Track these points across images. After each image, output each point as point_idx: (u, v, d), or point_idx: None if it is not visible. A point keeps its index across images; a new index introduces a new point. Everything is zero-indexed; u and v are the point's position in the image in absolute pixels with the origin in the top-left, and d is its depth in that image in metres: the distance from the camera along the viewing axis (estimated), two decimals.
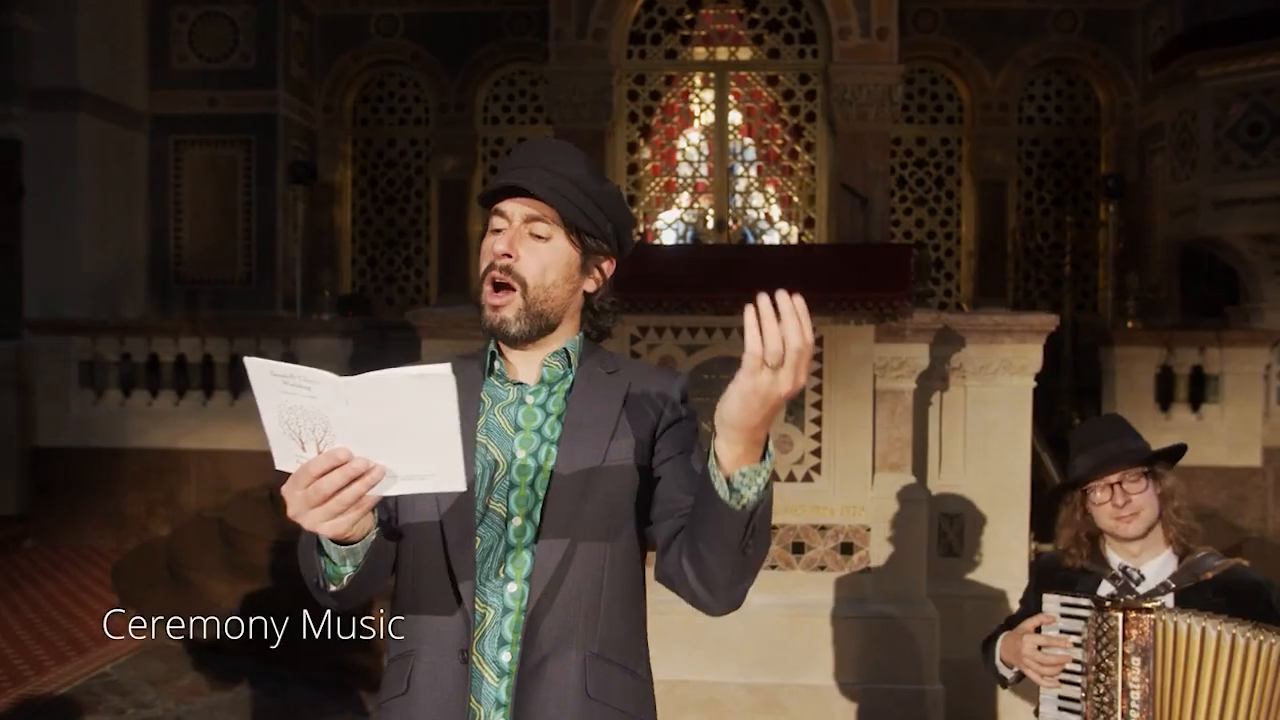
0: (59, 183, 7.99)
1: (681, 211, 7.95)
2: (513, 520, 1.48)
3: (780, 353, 1.14)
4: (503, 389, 1.57)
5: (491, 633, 1.46)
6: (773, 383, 1.16)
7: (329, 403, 1.17)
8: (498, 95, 9.59)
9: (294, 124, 9.10)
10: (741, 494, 1.26)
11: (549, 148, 1.57)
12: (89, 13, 8.16)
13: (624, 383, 1.57)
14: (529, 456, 1.51)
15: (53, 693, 4.67)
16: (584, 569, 1.47)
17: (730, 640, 4.11)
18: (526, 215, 1.52)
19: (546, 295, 1.52)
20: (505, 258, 1.51)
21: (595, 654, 1.48)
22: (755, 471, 1.26)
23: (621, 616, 1.52)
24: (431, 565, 1.48)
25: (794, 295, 1.15)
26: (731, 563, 1.34)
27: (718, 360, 4.21)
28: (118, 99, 8.45)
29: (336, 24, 9.50)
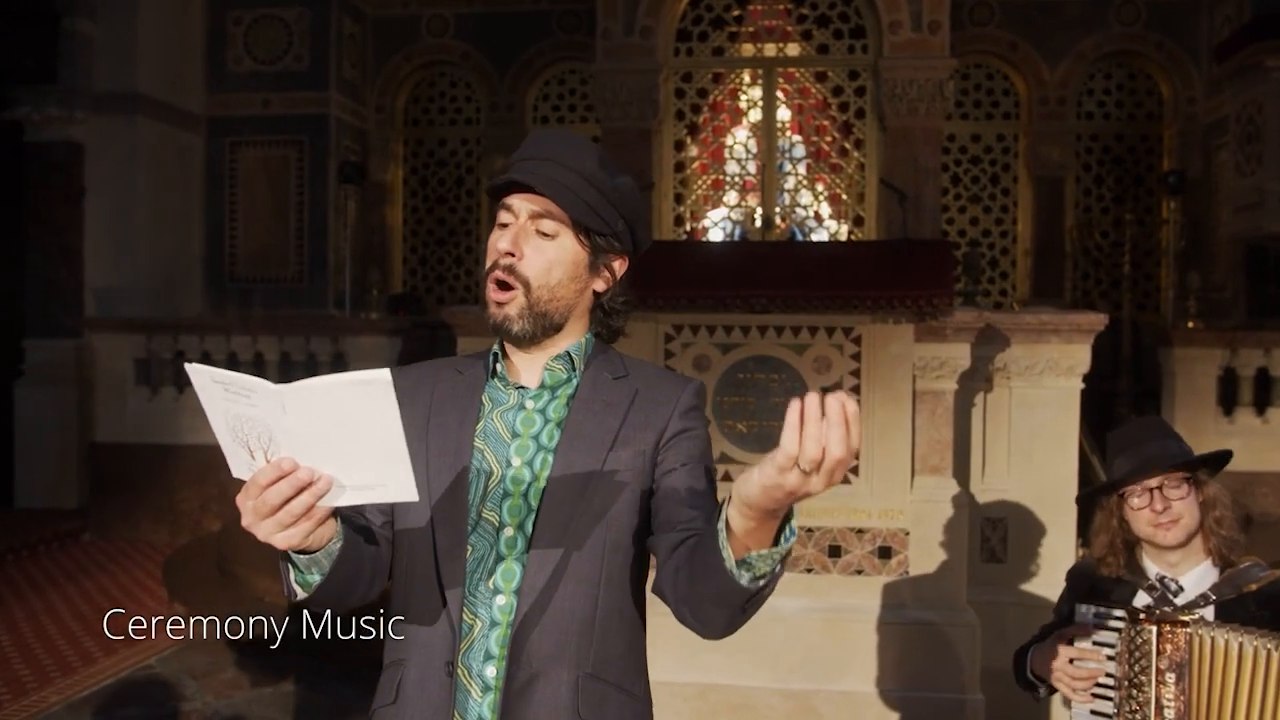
0: (119, 184, 8.15)
1: (729, 210, 7.87)
2: (504, 530, 1.43)
3: (818, 460, 1.04)
4: (503, 392, 1.51)
5: (478, 645, 1.41)
6: (802, 484, 1.07)
7: (269, 411, 1.14)
8: (548, 94, 9.59)
9: (346, 124, 9.19)
10: (754, 571, 1.20)
11: (560, 138, 1.51)
12: (149, 18, 8.31)
13: (630, 390, 1.50)
14: (524, 465, 1.45)
15: (98, 684, 4.75)
16: (577, 584, 1.41)
17: (766, 644, 4.04)
18: (532, 212, 1.47)
19: (551, 295, 1.47)
20: (509, 256, 1.46)
21: (589, 674, 1.42)
22: (768, 556, 1.19)
23: (618, 634, 1.46)
24: (423, 573, 1.44)
25: (848, 402, 1.05)
26: (729, 617, 1.29)
27: (753, 359, 4.15)
28: (175, 102, 8.60)
29: (388, 25, 9.58)
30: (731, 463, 4.17)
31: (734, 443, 4.17)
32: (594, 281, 1.53)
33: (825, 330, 4.10)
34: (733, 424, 4.17)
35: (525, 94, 9.50)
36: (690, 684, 4.06)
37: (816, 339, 4.11)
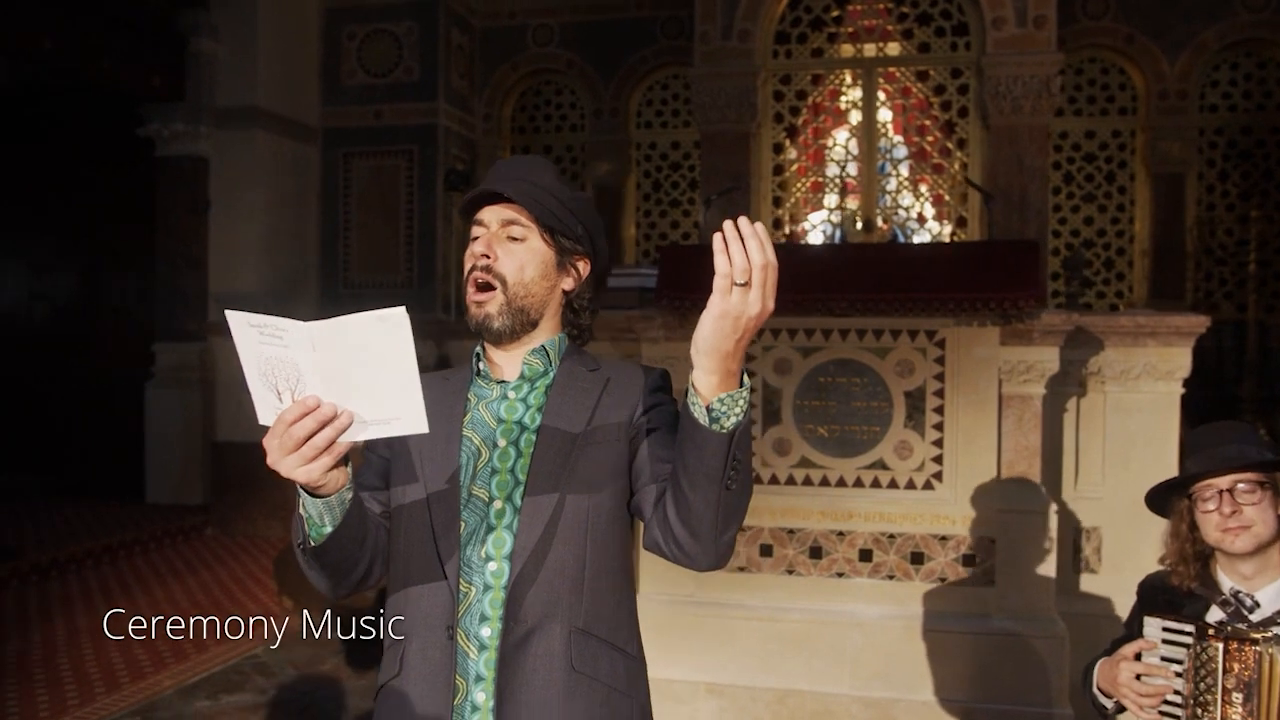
0: (239, 196, 8.53)
1: (829, 212, 7.78)
2: (494, 504, 1.56)
3: (747, 268, 1.24)
4: (487, 388, 1.66)
5: (474, 609, 1.53)
6: (743, 303, 1.25)
7: (299, 349, 1.26)
8: (651, 100, 9.65)
9: (454, 134, 9.42)
10: (721, 421, 1.33)
11: (521, 162, 1.70)
12: (268, 36, 8.68)
13: (603, 379, 1.64)
14: (509, 445, 1.59)
15: (208, 670, 4.99)
16: (565, 546, 1.54)
17: (845, 650, 4.00)
18: (503, 219, 1.63)
19: (526, 291, 1.62)
20: (485, 258, 1.61)
21: (580, 629, 1.54)
22: (733, 397, 1.33)
23: (607, 592, 1.57)
24: (420, 550, 1.57)
25: (756, 223, 1.27)
26: (715, 500, 1.39)
27: (834, 362, 4.11)
28: (293, 115, 8.96)
29: (495, 35, 9.78)
30: (812, 467, 4.14)
31: (814, 446, 4.13)
32: (563, 280, 1.68)
33: (908, 333, 4.03)
34: (813, 428, 4.13)
35: (629, 100, 9.57)
36: (769, 688, 4.05)
37: (899, 342, 4.04)
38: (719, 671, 4.11)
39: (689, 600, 4.21)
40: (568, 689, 1.50)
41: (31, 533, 7.38)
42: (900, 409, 4.05)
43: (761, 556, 4.18)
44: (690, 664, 4.13)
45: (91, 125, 8.99)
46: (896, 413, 4.05)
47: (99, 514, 8.05)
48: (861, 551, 4.09)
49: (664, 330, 4.28)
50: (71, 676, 4.87)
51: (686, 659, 4.14)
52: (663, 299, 4.18)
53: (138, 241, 8.82)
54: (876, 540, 4.08)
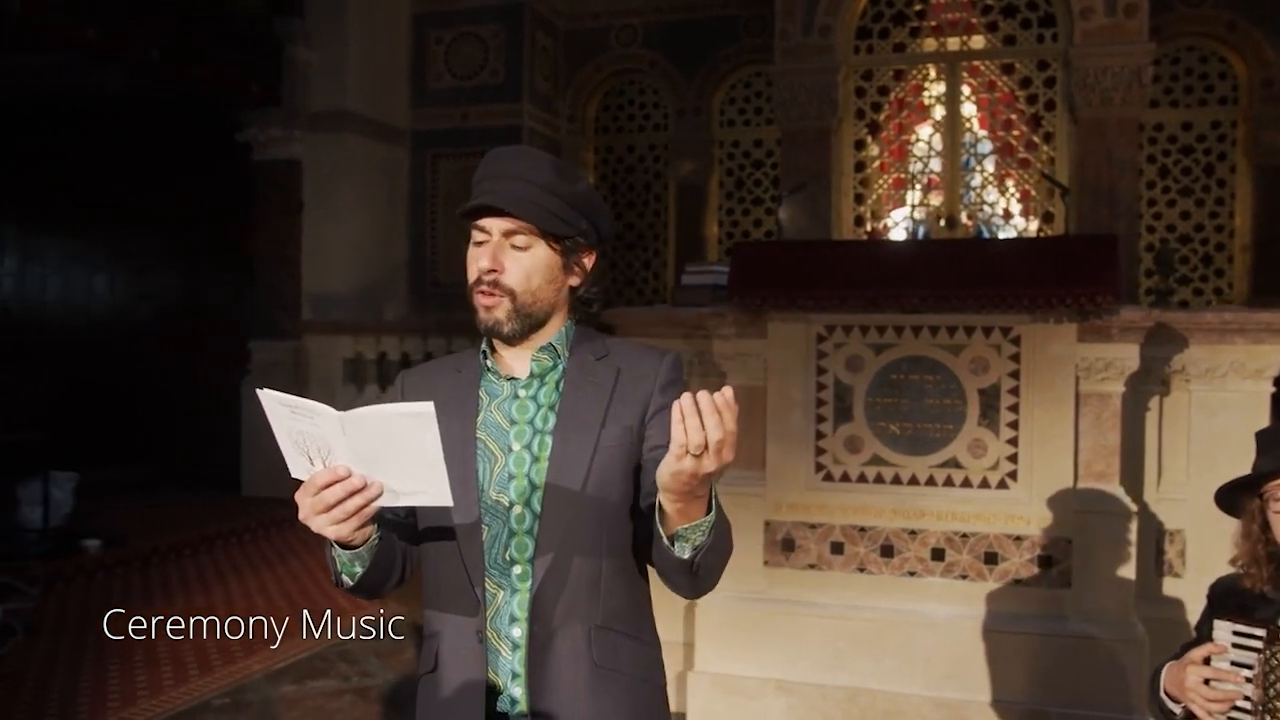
0: (330, 197, 8.78)
1: (911, 209, 7.68)
2: (514, 509, 1.60)
3: (701, 444, 1.26)
4: (497, 385, 1.68)
5: (503, 611, 1.60)
6: (697, 466, 1.28)
7: (329, 430, 1.32)
8: (734, 98, 9.64)
9: (538, 134, 9.54)
10: (687, 542, 1.41)
11: (516, 156, 1.65)
12: (358, 42, 8.92)
13: (613, 369, 1.66)
14: (524, 449, 1.62)
15: (295, 656, 5.16)
16: (582, 550, 1.58)
17: (917, 650, 3.97)
18: (505, 229, 1.61)
19: (534, 299, 1.63)
20: (491, 272, 1.61)
21: (599, 625, 1.60)
22: (697, 527, 1.40)
23: (622, 590, 1.63)
24: (446, 556, 1.62)
25: (719, 393, 1.29)
26: (688, 583, 1.51)
27: (907, 360, 4.08)
28: (382, 118, 9.18)
29: (579, 37, 9.88)
30: (885, 465, 4.11)
31: (886, 444, 4.10)
32: (569, 279, 1.68)
33: (982, 330, 3.98)
34: (885, 425, 4.11)
35: (712, 99, 9.58)
36: (839, 687, 4.03)
37: (973, 339, 3.99)
38: (789, 669, 4.11)
39: (759, 597, 4.22)
40: (593, 684, 1.57)
41: (137, 522, 7.71)
42: (974, 407, 4.00)
43: (832, 554, 4.17)
44: (759, 661, 4.14)
45: (194, 131, 9.34)
46: (970, 410, 4.00)
47: (198, 505, 8.37)
48: (934, 550, 4.05)
49: (735, 327, 4.29)
50: (168, 658, 5.09)
51: (756, 656, 4.15)
52: (734, 296, 4.19)
53: (236, 243, 9.15)
54: (949, 539, 4.03)
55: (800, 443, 4.20)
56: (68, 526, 6.95)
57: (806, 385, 4.20)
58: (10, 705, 4.49)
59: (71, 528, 6.96)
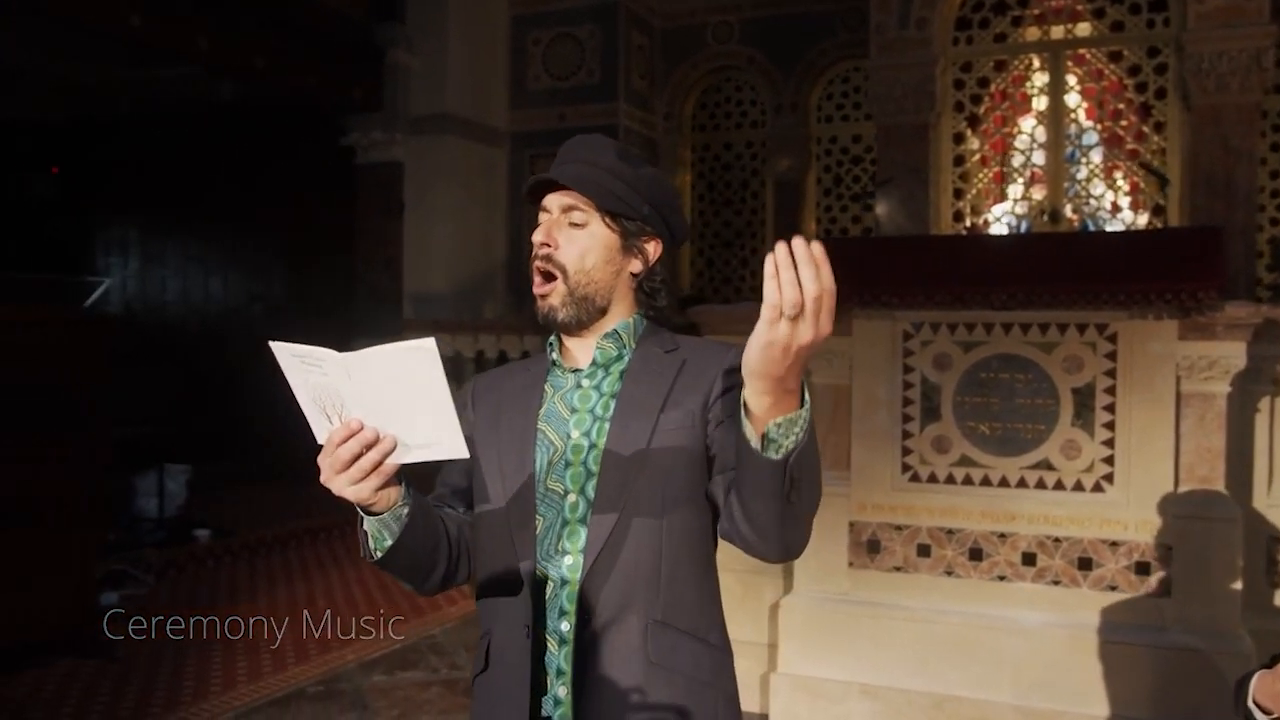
0: (431, 198, 8.97)
1: (1013, 204, 7.46)
2: (568, 497, 1.54)
3: (798, 302, 1.12)
4: (562, 378, 1.64)
5: (552, 604, 1.53)
6: (791, 334, 1.14)
7: (337, 377, 1.30)
8: (831, 94, 9.51)
9: (635, 133, 9.57)
10: (779, 444, 1.25)
11: (581, 142, 1.65)
12: (458, 45, 9.08)
13: (679, 360, 1.60)
14: (582, 435, 1.57)
15: (388, 648, 5.28)
16: (639, 539, 1.50)
17: (1006, 657, 3.85)
18: (564, 205, 1.59)
19: (588, 279, 1.59)
20: (544, 247, 1.59)
21: (658, 621, 1.50)
22: (790, 421, 1.24)
23: (686, 583, 1.54)
24: (499, 548, 1.57)
25: (813, 243, 1.14)
26: (778, 511, 1.33)
27: (997, 358, 3.96)
28: (481, 120, 9.33)
29: (676, 35, 9.88)
30: (974, 465, 4.01)
31: (975, 444, 3.99)
32: (629, 263, 1.63)
33: (1076, 327, 3.83)
34: (974, 425, 3.99)
35: (809, 95, 9.47)
36: (924, 693, 3.94)
37: (1066, 337, 3.85)
38: (873, 673, 4.03)
39: (843, 599, 4.15)
40: (645, 682, 1.48)
41: (245, 514, 8.01)
42: (1067, 407, 3.86)
43: (919, 556, 4.07)
44: (843, 664, 4.07)
45: (301, 137, 9.66)
46: (1063, 410, 3.86)
47: (304, 499, 8.63)
48: (1024, 555, 3.92)
49: None
50: (268, 646, 5.26)
51: (839, 658, 4.08)
52: None
53: (340, 244, 9.42)
54: (1040, 543, 3.90)
55: (886, 442, 4.12)
56: (181, 517, 7.26)
57: (892, 384, 4.11)
58: (122, 686, 4.71)
59: (184, 518, 7.27)
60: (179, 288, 10.63)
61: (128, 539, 6.71)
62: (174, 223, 10.60)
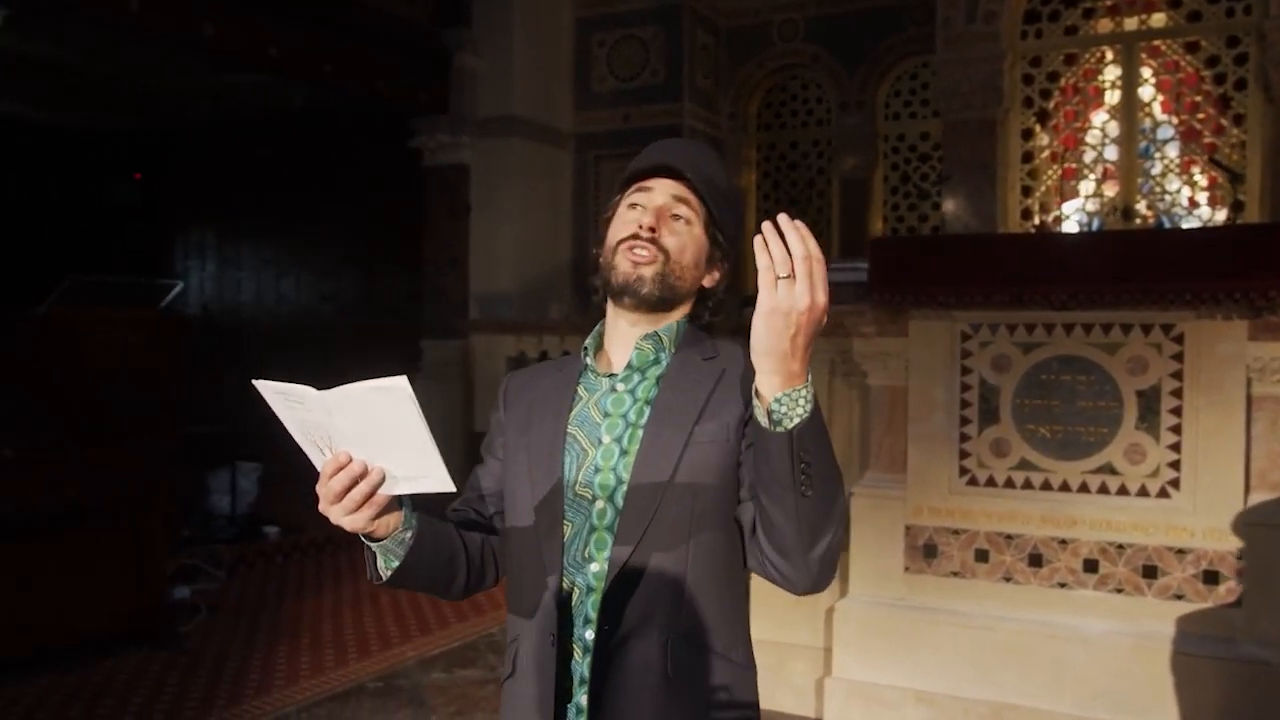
0: (496, 200, 9.04)
1: (1084, 200, 7.27)
2: (596, 503, 1.51)
3: (786, 260, 1.19)
4: (595, 381, 1.60)
5: (578, 611, 1.50)
6: (790, 296, 1.20)
7: (320, 414, 1.29)
8: (898, 90, 9.38)
9: (699, 133, 9.54)
10: (783, 422, 1.27)
11: (694, 146, 1.62)
12: (523, 48, 9.15)
13: (718, 369, 1.55)
14: (614, 442, 1.53)
15: (447, 645, 5.35)
16: (665, 552, 1.47)
17: (1066, 666, 3.76)
18: (674, 195, 1.55)
19: (682, 273, 1.55)
20: (651, 230, 1.54)
21: (679, 635, 1.47)
22: (793, 395, 1.27)
23: (711, 599, 1.50)
24: (528, 555, 1.55)
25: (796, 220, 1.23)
26: (794, 509, 1.31)
27: (1057, 359, 3.87)
28: (547, 122, 9.38)
29: (740, 34, 9.82)
30: (1033, 469, 3.92)
31: (1035, 448, 3.90)
32: (707, 274, 1.61)
33: (1140, 328, 3.72)
34: (1034, 428, 3.90)
35: (875, 92, 9.35)
36: (982, 701, 3.86)
37: (1130, 337, 3.74)
38: (929, 679, 3.96)
39: (899, 603, 4.09)
40: (664, 698, 1.46)
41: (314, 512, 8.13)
42: (1131, 409, 3.75)
43: (977, 561, 4.00)
44: (898, 669, 4.01)
45: (369, 141, 9.83)
46: (1127, 413, 3.76)
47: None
48: (1086, 561, 3.82)
49: (875, 326, 4.17)
50: (331, 641, 5.36)
51: (894, 664, 4.02)
52: (873, 294, 4.08)
53: (408, 246, 9.56)
54: (1103, 550, 3.80)
55: (943, 445, 4.04)
56: (251, 514, 7.43)
57: (950, 385, 4.04)
58: (189, 677, 4.84)
59: (255, 515, 7.44)
60: (253, 289, 10.89)
61: (201, 535, 6.89)
62: (249, 226, 10.87)
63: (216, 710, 4.44)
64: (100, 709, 4.43)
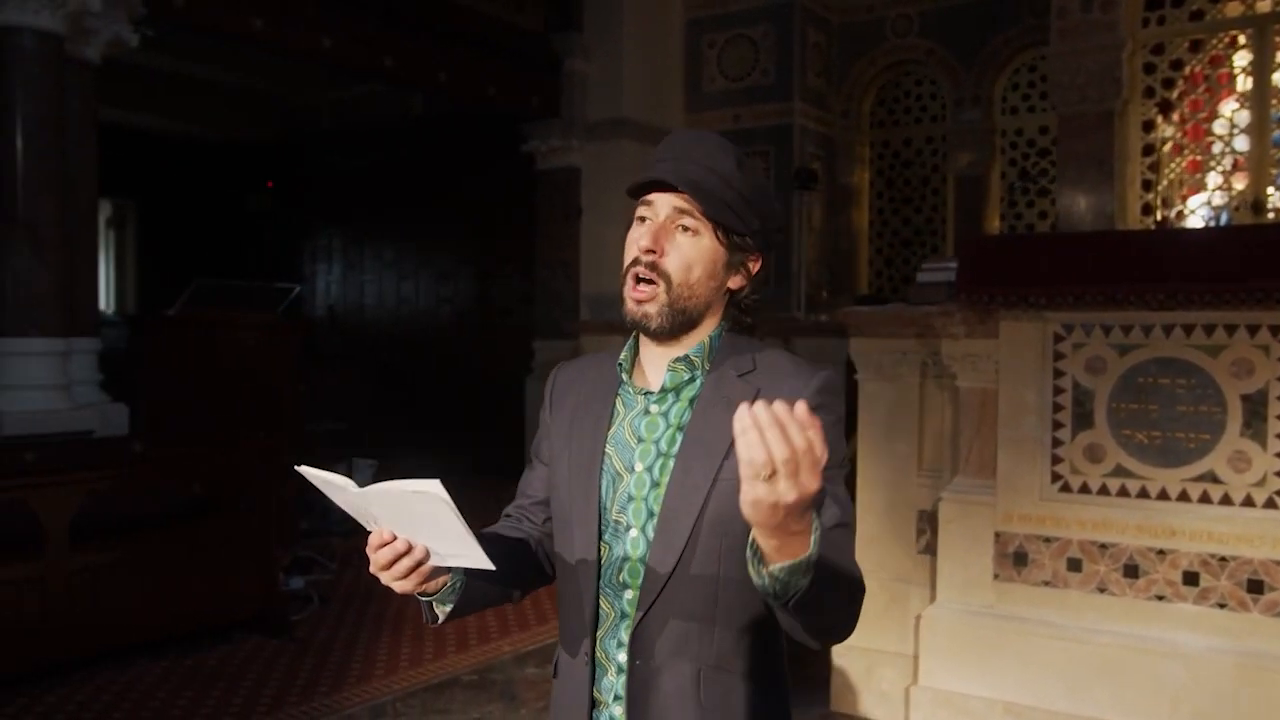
0: (607, 202, 9.14)
1: (1210, 194, 6.91)
2: (630, 532, 1.51)
3: (767, 464, 1.07)
4: (633, 397, 1.57)
5: (612, 633, 1.52)
6: (773, 492, 1.09)
7: (362, 502, 1.34)
8: (1017, 84, 9.11)
9: (810, 132, 9.46)
10: (783, 589, 1.22)
11: (699, 139, 1.53)
12: (633, 51, 9.24)
13: (753, 389, 1.48)
14: (645, 471, 1.52)
15: (543, 641, 5.44)
16: (695, 585, 1.46)
17: (1165, 684, 3.60)
18: (675, 208, 1.49)
19: (691, 293, 1.50)
20: (649, 253, 1.49)
21: (711, 666, 1.47)
22: (795, 568, 1.20)
23: (742, 631, 1.49)
24: (566, 573, 1.57)
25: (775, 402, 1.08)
26: (801, 626, 1.33)
27: (1155, 361, 3.70)
28: (657, 123, 9.42)
29: (853, 30, 9.69)
30: (1129, 476, 3.76)
31: (1132, 454, 3.74)
32: (731, 279, 1.54)
33: (1246, 328, 3.53)
34: (1130, 433, 3.74)
35: (992, 86, 9.10)
36: (1074, 715, 3.73)
37: (1235, 339, 3.55)
38: (1018, 691, 3.84)
39: (988, 612, 3.98)
40: None
41: None
42: (1236, 415, 3.56)
43: (1069, 571, 3.85)
44: (986, 680, 3.91)
45: (484, 146, 10.06)
46: (1231, 419, 3.57)
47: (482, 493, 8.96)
48: (1185, 574, 3.65)
49: (964, 327, 4.07)
50: (432, 634, 5.52)
51: (982, 674, 3.92)
52: (962, 294, 3.98)
53: (521, 248, 9.75)
54: (1204, 562, 3.61)
55: (1035, 450, 3.91)
56: None
57: (1042, 388, 3.91)
58: (296, 664, 5.06)
59: None
60: (376, 291, 11.28)
61: (316, 528, 7.18)
62: (372, 230, 11.27)
63: (318, 696, 4.63)
64: (212, 691, 4.67)
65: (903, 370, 4.41)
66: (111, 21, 5.83)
